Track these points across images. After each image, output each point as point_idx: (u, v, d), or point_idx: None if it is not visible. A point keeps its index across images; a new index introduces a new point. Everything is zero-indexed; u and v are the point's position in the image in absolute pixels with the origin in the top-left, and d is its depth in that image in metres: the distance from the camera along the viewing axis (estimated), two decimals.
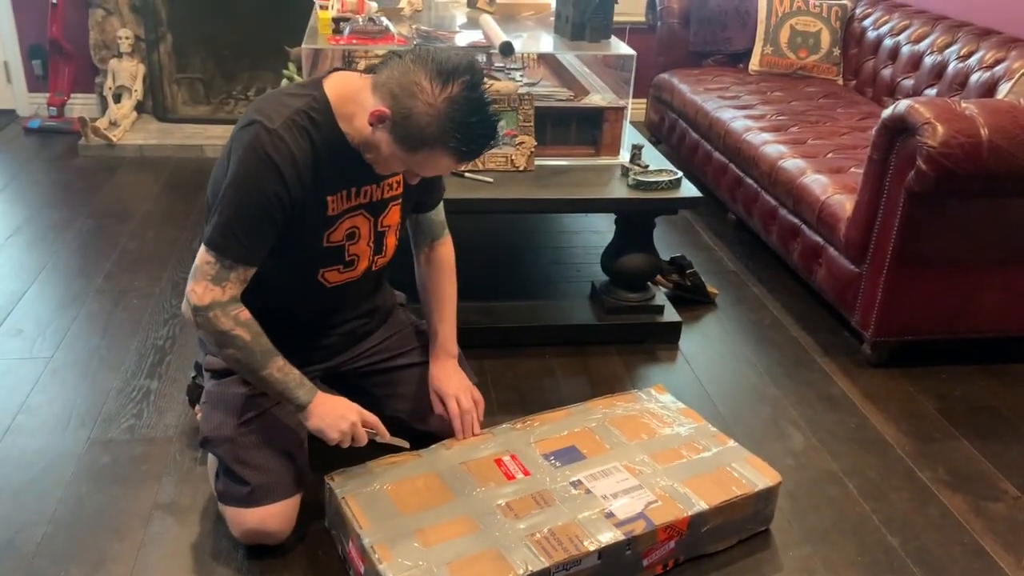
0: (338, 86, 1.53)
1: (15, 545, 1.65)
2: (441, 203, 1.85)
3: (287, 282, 1.63)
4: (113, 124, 3.89)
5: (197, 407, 1.98)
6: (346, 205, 1.61)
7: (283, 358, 1.57)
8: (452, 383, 1.80)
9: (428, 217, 1.83)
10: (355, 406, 1.63)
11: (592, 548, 1.51)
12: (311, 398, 1.58)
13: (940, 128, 2.08)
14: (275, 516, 1.60)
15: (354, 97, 1.50)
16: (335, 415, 1.59)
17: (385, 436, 1.67)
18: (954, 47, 3.08)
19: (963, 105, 2.15)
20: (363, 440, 1.62)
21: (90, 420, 2.02)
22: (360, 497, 1.60)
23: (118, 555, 1.64)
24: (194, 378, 1.98)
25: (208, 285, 1.50)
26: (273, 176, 1.46)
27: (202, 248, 1.51)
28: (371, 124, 1.45)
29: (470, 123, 1.42)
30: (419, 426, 1.84)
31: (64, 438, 1.96)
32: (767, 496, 1.73)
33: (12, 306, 2.50)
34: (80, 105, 4.16)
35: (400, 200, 1.70)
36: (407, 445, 1.71)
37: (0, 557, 1.62)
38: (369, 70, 1.53)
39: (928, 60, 3.19)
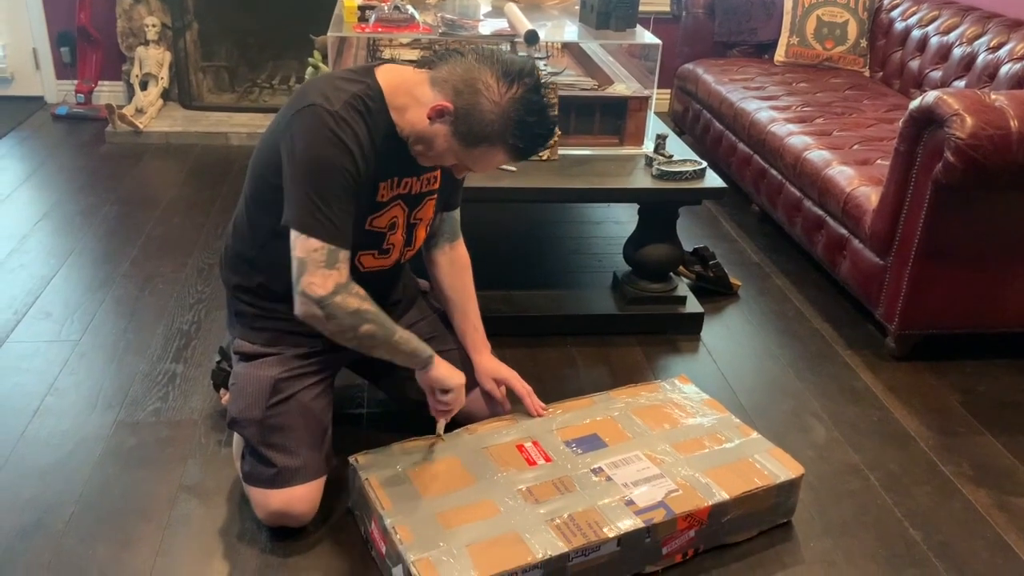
0: (391, 77, 1.55)
1: (44, 524, 1.68)
2: (459, 206, 1.88)
3: None
4: (139, 111, 3.93)
5: (222, 391, 2.00)
6: (392, 193, 1.63)
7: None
8: (505, 368, 1.86)
9: (452, 216, 1.86)
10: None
11: (611, 535, 1.52)
12: (431, 352, 1.64)
13: (969, 120, 2.06)
14: (300, 498, 1.62)
15: (408, 90, 1.53)
16: (450, 369, 1.67)
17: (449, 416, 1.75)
18: (984, 38, 3.05)
19: (993, 97, 2.12)
20: (460, 403, 1.70)
21: (117, 403, 2.05)
22: (383, 479, 1.61)
23: (144, 535, 1.66)
24: (219, 362, 2.00)
25: (325, 272, 1.49)
26: (344, 153, 1.48)
27: (300, 239, 1.49)
28: (430, 118, 1.48)
29: (530, 123, 1.47)
30: None
31: (91, 420, 1.98)
32: (789, 488, 1.73)
33: (41, 290, 2.54)
34: (107, 92, 4.20)
35: (436, 196, 1.73)
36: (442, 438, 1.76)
37: (30, 535, 1.65)
38: (423, 64, 1.55)
39: (957, 51, 3.15)
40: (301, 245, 1.49)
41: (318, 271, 1.49)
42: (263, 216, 1.63)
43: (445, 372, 1.66)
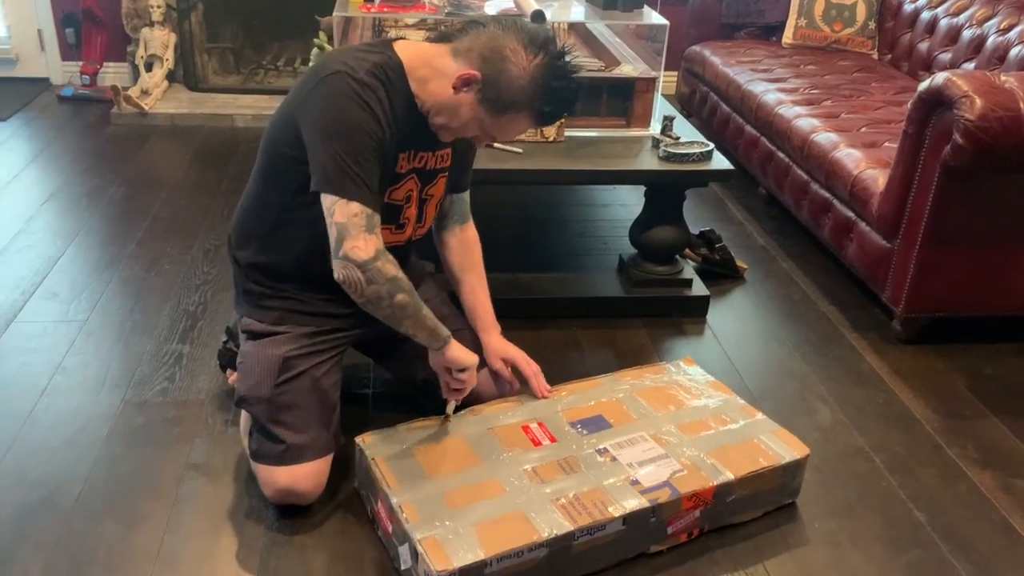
0: (410, 49, 1.56)
1: (53, 501, 1.69)
2: (469, 188, 1.88)
3: None
4: (145, 93, 3.92)
5: (228, 371, 2.01)
6: (409, 166, 1.63)
7: None
8: (514, 349, 1.86)
9: (462, 198, 1.86)
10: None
11: (617, 514, 1.52)
12: (447, 332, 1.65)
13: (978, 101, 2.05)
14: (307, 476, 1.63)
15: (428, 62, 1.54)
16: (467, 349, 1.68)
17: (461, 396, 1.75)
18: (994, 20, 3.02)
19: (1002, 78, 2.11)
20: (471, 383, 1.70)
21: (124, 382, 2.06)
22: (389, 458, 1.62)
23: (152, 513, 1.68)
24: (225, 343, 2.00)
25: (366, 236, 1.48)
26: (371, 117, 1.48)
27: (339, 203, 1.47)
28: (455, 87, 1.50)
29: (556, 87, 1.50)
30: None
31: (99, 399, 1.99)
32: (794, 469, 1.73)
33: (48, 270, 2.54)
34: (112, 74, 4.19)
35: (447, 174, 1.73)
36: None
37: (39, 513, 1.66)
38: (440, 38, 1.56)
39: (967, 33, 3.13)
40: (341, 210, 1.48)
41: (360, 235, 1.48)
42: (274, 193, 1.63)
43: (461, 352, 1.67)
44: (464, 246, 1.88)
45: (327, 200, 1.49)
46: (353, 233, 1.48)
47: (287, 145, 1.56)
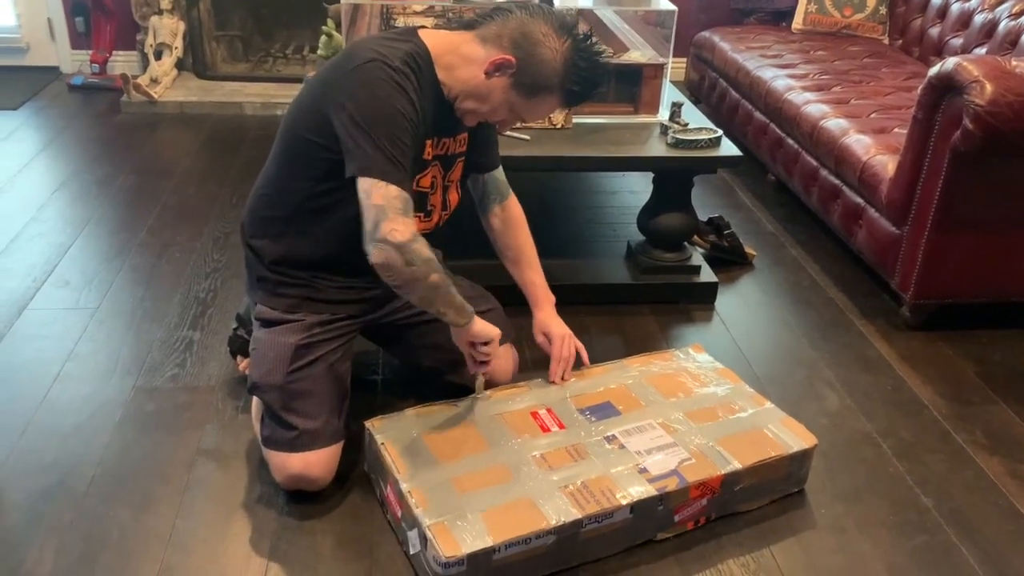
0: (435, 38, 1.58)
1: (66, 485, 1.71)
2: (500, 164, 1.89)
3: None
4: (154, 81, 3.93)
5: (239, 358, 2.02)
6: (435, 152, 1.65)
7: None
8: (562, 327, 1.88)
9: (494, 176, 1.87)
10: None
11: (624, 502, 1.53)
12: (472, 310, 1.66)
13: (989, 86, 2.04)
14: (318, 462, 1.64)
15: (454, 49, 1.57)
16: (488, 323, 1.69)
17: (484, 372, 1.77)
18: (1006, 4, 3.00)
19: (1013, 63, 2.09)
20: (498, 354, 1.73)
21: (135, 369, 2.07)
22: (398, 443, 1.63)
23: (163, 498, 1.69)
24: (235, 329, 2.01)
25: (404, 219, 1.49)
26: (407, 102, 1.50)
27: (378, 185, 1.47)
28: (488, 73, 1.53)
29: (585, 68, 1.55)
30: (454, 378, 1.87)
31: (110, 386, 2.01)
32: (801, 458, 1.74)
33: (59, 258, 2.56)
34: (121, 62, 4.20)
35: (463, 158, 1.74)
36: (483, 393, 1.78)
37: (52, 496, 1.68)
38: (465, 26, 1.59)
39: (978, 18, 3.10)
40: (379, 192, 1.47)
41: (398, 217, 1.48)
42: (295, 180, 1.63)
43: (483, 326, 1.68)
44: (507, 224, 1.89)
45: (365, 183, 1.48)
46: (391, 215, 1.47)
47: (313, 132, 1.56)
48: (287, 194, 1.67)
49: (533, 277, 1.90)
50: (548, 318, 1.88)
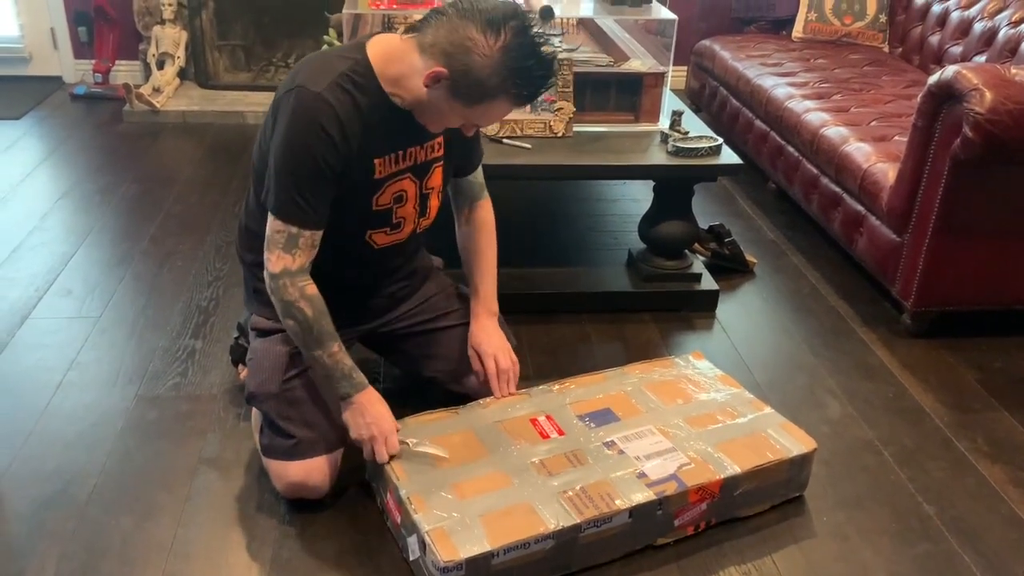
0: (381, 49, 1.53)
1: (69, 494, 1.71)
2: (480, 166, 1.86)
3: (336, 243, 1.63)
4: (157, 90, 3.94)
5: (240, 366, 2.03)
6: (393, 168, 1.62)
7: (340, 344, 1.59)
8: (492, 341, 1.81)
9: (468, 179, 1.84)
10: (389, 421, 1.62)
11: (623, 507, 1.53)
12: (352, 392, 1.61)
13: (988, 94, 2.04)
14: (318, 469, 1.64)
15: (399, 59, 1.51)
16: (365, 419, 1.61)
17: (417, 447, 1.64)
18: (1005, 12, 3.01)
19: (1013, 71, 2.10)
20: (381, 457, 1.60)
21: (137, 377, 2.08)
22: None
23: (165, 506, 1.70)
24: (237, 338, 2.02)
25: (280, 253, 1.54)
26: (321, 139, 1.48)
27: (270, 217, 1.54)
28: (427, 85, 1.47)
29: (527, 67, 1.44)
30: (455, 387, 1.88)
31: (113, 394, 2.02)
32: (801, 462, 1.74)
33: (61, 267, 2.57)
34: (124, 71, 4.22)
35: (442, 162, 1.72)
36: (445, 455, 1.63)
37: (55, 504, 1.68)
38: (409, 30, 1.53)
39: (978, 26, 3.11)
40: (270, 223, 1.55)
41: (275, 250, 1.55)
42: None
43: (346, 417, 1.62)
44: (472, 225, 1.86)
45: (269, 214, 1.55)
46: (270, 247, 1.55)
47: (269, 151, 1.57)
48: (263, 209, 1.65)
49: (481, 284, 1.84)
50: (481, 331, 1.82)
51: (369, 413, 1.61)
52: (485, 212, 1.87)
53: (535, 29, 1.47)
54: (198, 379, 2.08)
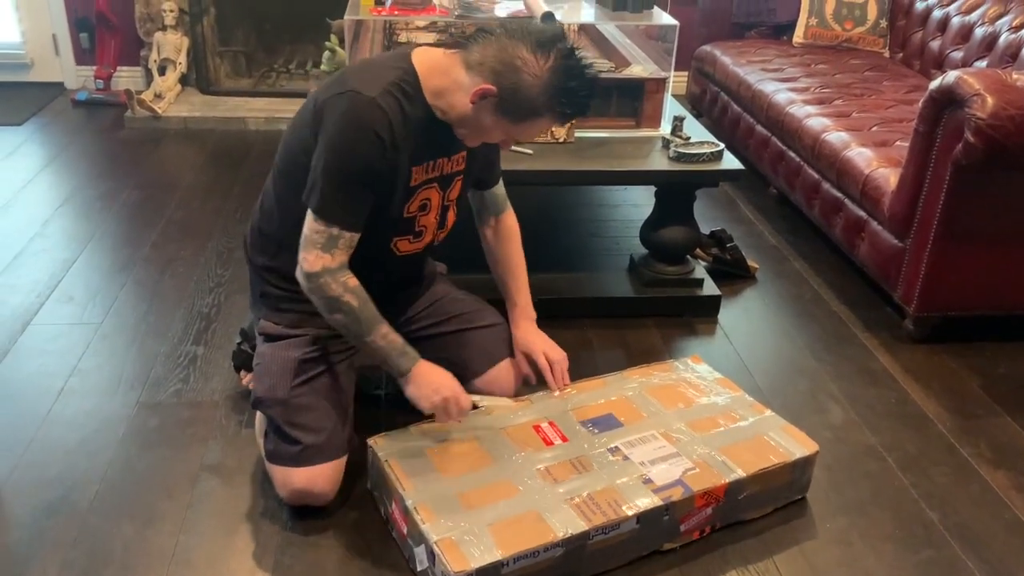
0: (426, 61, 1.57)
1: (70, 501, 1.71)
2: (501, 179, 1.89)
3: (361, 249, 1.63)
4: (158, 96, 3.95)
5: (242, 372, 2.02)
6: (425, 177, 1.65)
7: (388, 325, 1.62)
8: (538, 341, 1.85)
9: (492, 192, 1.87)
10: (453, 381, 1.66)
11: (631, 513, 1.53)
12: (411, 366, 1.63)
13: (990, 100, 2.04)
14: (322, 476, 1.64)
15: (443, 72, 1.54)
16: (430, 387, 1.63)
17: (483, 400, 1.74)
18: (1006, 18, 3.01)
19: (1014, 76, 2.10)
20: (454, 415, 1.65)
21: (139, 384, 2.08)
22: (402, 460, 1.63)
23: (167, 513, 1.69)
24: (239, 344, 2.02)
25: (319, 253, 1.55)
26: (372, 143, 1.50)
27: (309, 216, 1.55)
28: (473, 101, 1.50)
29: (573, 87, 1.50)
30: None
31: (114, 401, 2.01)
32: (804, 465, 1.74)
33: (63, 274, 2.57)
34: (126, 78, 4.22)
35: (462, 176, 1.74)
36: (512, 404, 1.76)
37: (56, 511, 1.68)
38: (453, 46, 1.57)
39: (979, 31, 3.12)
40: (308, 223, 1.56)
41: (313, 250, 1.55)
42: (293, 197, 1.64)
43: (412, 392, 1.64)
44: (500, 237, 1.89)
45: (309, 213, 1.56)
46: (307, 247, 1.56)
47: (306, 153, 1.58)
48: (285, 210, 1.68)
49: (513, 293, 1.88)
50: (525, 335, 1.86)
51: (433, 380, 1.64)
52: (511, 222, 1.91)
53: (580, 52, 1.52)
54: (200, 385, 2.08)
